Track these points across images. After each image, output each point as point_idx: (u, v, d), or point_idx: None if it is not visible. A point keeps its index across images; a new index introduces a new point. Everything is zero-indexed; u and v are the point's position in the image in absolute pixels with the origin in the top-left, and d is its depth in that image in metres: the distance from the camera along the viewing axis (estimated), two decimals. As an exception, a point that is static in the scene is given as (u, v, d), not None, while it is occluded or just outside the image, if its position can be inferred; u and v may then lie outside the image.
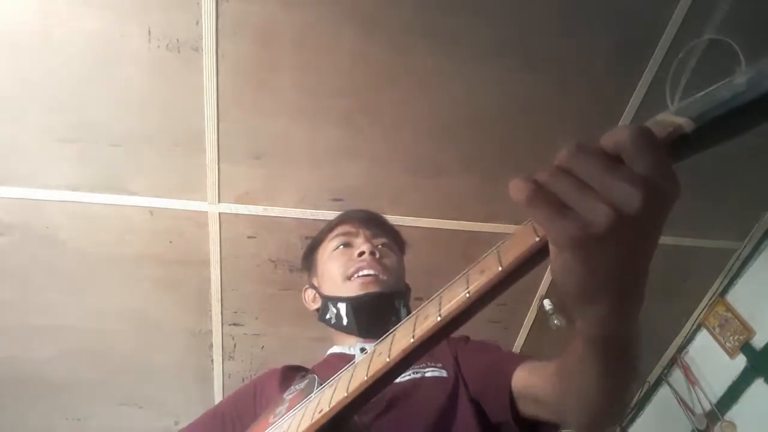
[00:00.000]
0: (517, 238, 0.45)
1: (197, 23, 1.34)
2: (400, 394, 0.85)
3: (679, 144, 0.39)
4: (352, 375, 0.62)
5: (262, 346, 1.99)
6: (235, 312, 1.89)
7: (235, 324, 1.92)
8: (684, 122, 0.39)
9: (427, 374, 0.88)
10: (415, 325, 0.54)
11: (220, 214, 1.66)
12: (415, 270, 1.10)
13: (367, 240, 1.06)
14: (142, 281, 1.77)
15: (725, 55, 0.41)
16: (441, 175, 1.67)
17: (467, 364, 0.89)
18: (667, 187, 0.37)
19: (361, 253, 1.02)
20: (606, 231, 0.37)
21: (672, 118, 0.40)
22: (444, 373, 0.88)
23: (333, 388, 0.64)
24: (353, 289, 0.99)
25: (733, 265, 1.99)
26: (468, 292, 0.48)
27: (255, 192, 1.64)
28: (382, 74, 1.47)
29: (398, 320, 0.98)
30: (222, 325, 1.91)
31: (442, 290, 0.54)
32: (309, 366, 1.03)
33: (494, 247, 0.48)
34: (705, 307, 2.06)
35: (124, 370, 2.00)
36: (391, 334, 0.59)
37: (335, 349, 1.03)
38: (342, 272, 1.02)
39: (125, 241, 1.68)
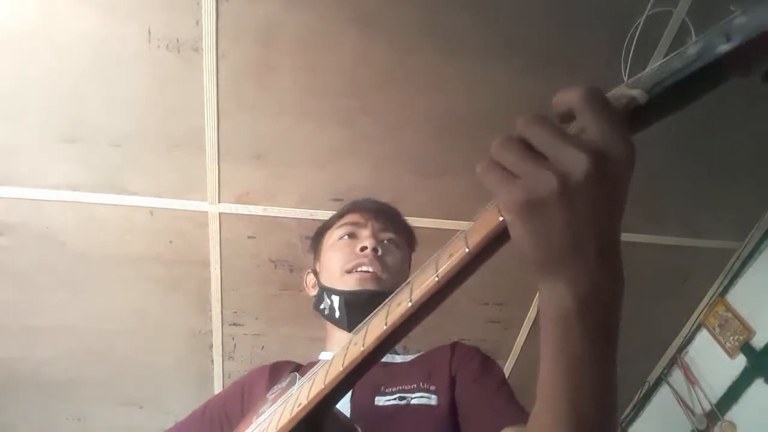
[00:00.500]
0: (483, 219, 0.46)
1: (197, 23, 1.34)
2: (381, 422, 0.80)
3: (635, 115, 0.41)
4: (329, 368, 0.62)
5: (262, 346, 1.99)
6: (235, 312, 1.89)
7: (235, 324, 1.92)
8: (637, 93, 0.40)
9: (413, 401, 0.82)
10: (388, 312, 0.55)
11: (220, 214, 1.66)
12: (417, 270, 1.10)
13: (373, 234, 1.03)
14: (142, 281, 1.77)
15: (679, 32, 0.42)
16: (443, 175, 1.66)
17: (462, 392, 0.83)
18: (618, 153, 0.37)
19: (364, 248, 0.99)
20: (549, 195, 0.37)
21: (626, 90, 0.41)
22: (433, 401, 0.82)
23: (311, 381, 0.64)
24: (350, 284, 0.97)
25: (733, 265, 1.99)
26: (437, 276, 0.48)
27: (255, 192, 1.64)
28: (383, 74, 1.46)
29: None
30: (222, 325, 1.91)
31: (412, 276, 0.54)
32: (303, 363, 1.02)
33: (461, 231, 0.48)
34: (705, 307, 2.06)
35: (124, 370, 2.00)
36: (366, 324, 0.59)
37: (325, 355, 1.01)
38: (341, 265, 0.99)
39: (125, 241, 1.68)
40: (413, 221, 1.71)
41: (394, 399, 0.83)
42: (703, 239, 1.92)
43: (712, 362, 2.01)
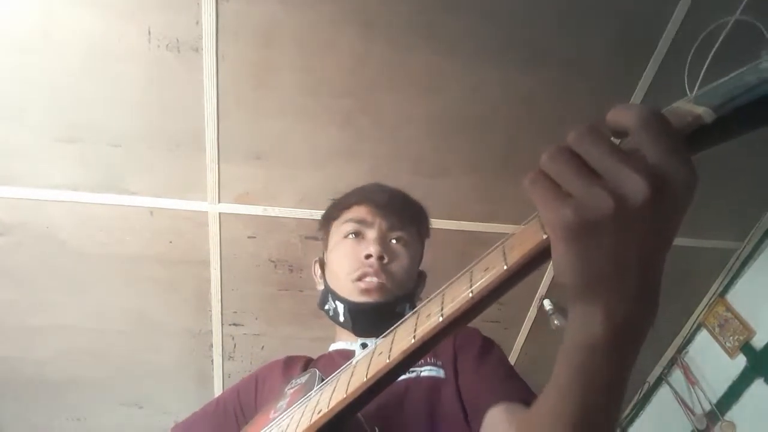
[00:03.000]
0: (524, 234, 0.42)
1: (197, 23, 1.34)
2: (395, 397, 0.81)
3: (698, 136, 0.36)
4: (351, 374, 0.60)
5: (262, 346, 1.99)
6: (235, 312, 1.89)
7: (235, 324, 1.92)
8: (703, 112, 0.35)
9: (423, 374, 0.84)
10: (416, 324, 0.52)
11: (220, 214, 1.66)
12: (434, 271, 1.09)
13: (380, 236, 0.98)
14: (142, 281, 1.77)
15: (751, 38, 0.37)
16: (441, 175, 1.66)
17: (463, 370, 0.84)
18: (680, 180, 0.34)
19: (369, 256, 0.95)
20: (603, 218, 0.34)
21: (690, 107, 0.36)
22: (441, 373, 0.83)
23: (332, 387, 0.63)
24: (354, 293, 0.94)
25: (733, 265, 1.99)
26: (471, 292, 0.46)
27: (255, 192, 1.64)
28: (382, 74, 1.46)
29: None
30: (222, 325, 1.91)
31: (444, 287, 0.51)
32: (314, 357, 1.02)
33: (500, 243, 0.45)
34: (705, 307, 2.06)
35: (124, 370, 2.00)
36: (393, 333, 0.57)
37: (337, 345, 1.01)
38: (347, 272, 0.96)
39: (125, 241, 1.68)
40: (413, 221, 1.73)
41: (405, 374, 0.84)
42: (703, 239, 1.92)
43: (712, 362, 2.01)
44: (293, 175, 1.62)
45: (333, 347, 1.02)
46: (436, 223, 1.74)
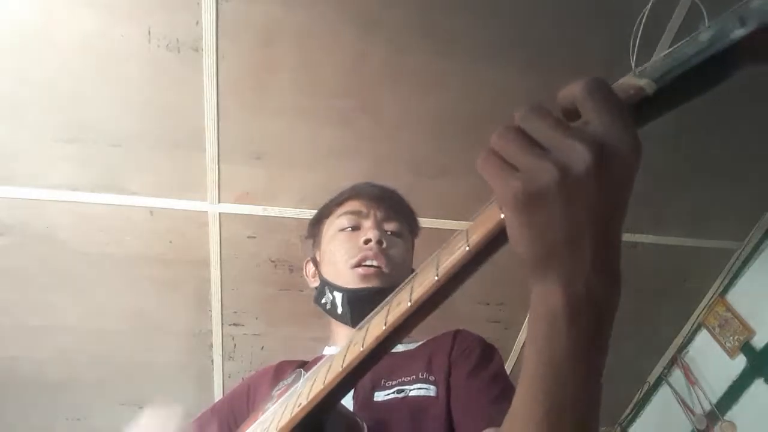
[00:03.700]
0: (484, 216, 0.44)
1: (197, 23, 1.34)
2: (382, 417, 0.78)
3: (642, 107, 0.38)
4: (329, 367, 0.61)
5: (262, 346, 1.99)
6: (235, 312, 1.89)
7: (235, 324, 1.92)
8: (645, 83, 0.38)
9: (412, 393, 0.80)
10: (388, 312, 0.53)
11: (220, 214, 1.66)
12: (419, 265, 1.09)
13: (376, 225, 0.97)
14: (142, 281, 1.77)
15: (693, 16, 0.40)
16: (442, 175, 1.66)
17: (455, 388, 0.80)
18: (622, 147, 0.35)
19: (368, 241, 0.94)
20: (548, 187, 0.35)
21: (633, 80, 0.39)
22: (432, 392, 0.80)
23: (312, 381, 0.64)
24: (353, 280, 0.93)
25: (733, 265, 1.99)
26: (437, 275, 0.47)
27: (255, 192, 1.64)
28: (382, 74, 1.46)
29: None
30: (222, 325, 1.91)
31: (413, 274, 0.52)
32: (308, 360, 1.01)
33: (464, 228, 0.47)
34: (705, 307, 2.06)
35: (124, 370, 2.00)
36: (368, 322, 0.58)
37: (332, 350, 0.99)
38: (345, 260, 0.95)
39: (125, 241, 1.68)
40: (413, 221, 1.73)
41: (393, 392, 0.81)
42: (703, 239, 1.92)
43: (712, 362, 2.01)
44: (293, 175, 1.62)
45: (327, 351, 1.01)
46: (436, 224, 1.75)
